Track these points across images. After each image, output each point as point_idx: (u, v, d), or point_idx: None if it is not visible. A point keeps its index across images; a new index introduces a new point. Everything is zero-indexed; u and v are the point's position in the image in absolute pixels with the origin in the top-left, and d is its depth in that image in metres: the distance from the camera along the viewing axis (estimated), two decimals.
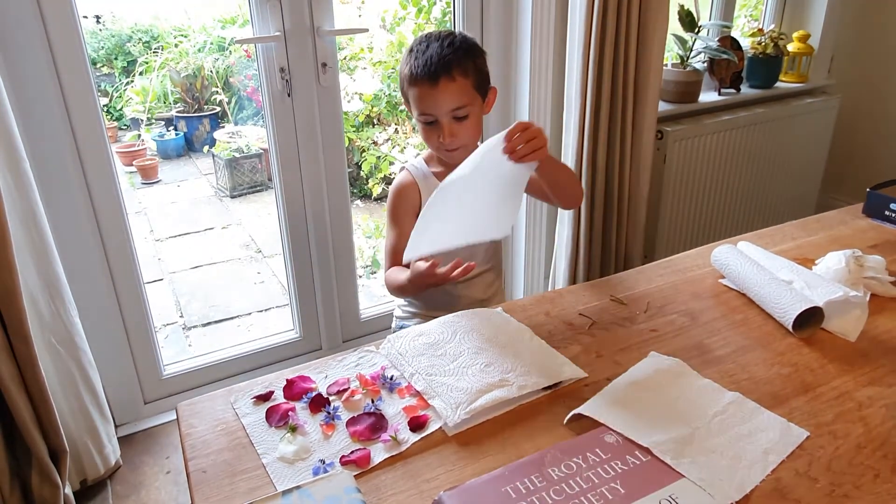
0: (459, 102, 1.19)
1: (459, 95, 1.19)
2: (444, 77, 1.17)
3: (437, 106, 1.19)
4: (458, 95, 1.19)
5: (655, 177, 2.23)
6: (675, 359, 0.94)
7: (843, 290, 1.03)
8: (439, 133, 1.21)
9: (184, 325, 2.64)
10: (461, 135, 1.22)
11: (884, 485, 0.73)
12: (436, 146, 1.25)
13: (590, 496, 0.69)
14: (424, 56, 1.18)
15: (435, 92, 1.17)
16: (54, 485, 1.41)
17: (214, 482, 0.75)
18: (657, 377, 0.90)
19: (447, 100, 1.18)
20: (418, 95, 1.19)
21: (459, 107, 1.19)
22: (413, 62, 1.19)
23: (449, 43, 1.19)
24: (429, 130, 1.23)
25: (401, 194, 1.32)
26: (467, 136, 1.24)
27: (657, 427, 0.79)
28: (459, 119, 1.21)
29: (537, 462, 0.73)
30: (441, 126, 1.20)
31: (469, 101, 1.20)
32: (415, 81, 1.19)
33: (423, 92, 1.18)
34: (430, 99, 1.18)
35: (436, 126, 1.21)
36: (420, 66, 1.18)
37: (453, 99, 1.18)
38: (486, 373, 0.89)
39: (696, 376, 0.91)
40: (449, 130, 1.20)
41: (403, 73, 1.22)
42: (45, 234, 1.41)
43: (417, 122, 1.24)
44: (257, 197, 4.02)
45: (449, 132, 1.20)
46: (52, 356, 1.47)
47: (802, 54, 2.58)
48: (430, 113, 1.20)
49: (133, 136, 4.60)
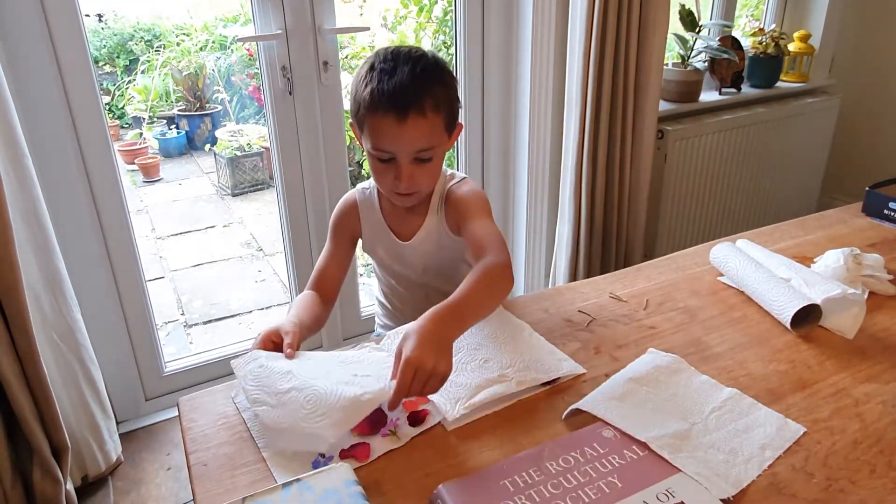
0: (426, 143, 0.99)
1: (428, 136, 0.99)
2: (414, 112, 0.96)
3: (399, 144, 0.98)
4: (427, 136, 0.99)
5: (656, 176, 2.24)
6: (674, 355, 0.95)
7: (842, 288, 1.03)
8: (395, 174, 1.01)
9: (185, 323, 2.65)
10: (420, 180, 1.03)
11: (879, 480, 0.74)
12: (388, 188, 1.05)
13: (587, 490, 0.69)
14: (392, 81, 0.96)
15: (401, 129, 0.96)
16: (56, 480, 1.41)
17: (215, 475, 0.75)
18: (655, 373, 0.90)
19: (413, 140, 0.98)
20: (377, 128, 0.98)
21: (425, 148, 1.00)
22: (376, 85, 0.97)
23: (422, 68, 0.98)
24: (382, 169, 1.03)
25: (342, 213, 1.19)
26: (426, 181, 1.05)
27: (655, 422, 0.80)
28: (421, 161, 1.01)
29: (535, 456, 0.74)
30: (399, 167, 1.00)
31: (437, 142, 1.01)
32: (376, 109, 0.97)
33: (386, 126, 0.97)
34: (393, 136, 0.97)
35: (391, 165, 1.01)
36: (386, 93, 0.96)
37: (420, 139, 0.99)
38: (485, 368, 0.90)
39: (694, 372, 0.92)
40: (408, 173, 1.01)
41: (360, 93, 1.00)
42: (47, 230, 1.41)
43: (368, 154, 1.03)
44: (258, 195, 4.03)
45: (408, 175, 1.01)
46: (53, 352, 1.48)
47: (803, 54, 2.59)
48: (389, 151, 0.99)
49: (135, 134, 4.61)
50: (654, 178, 2.21)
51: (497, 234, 1.03)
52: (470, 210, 1.09)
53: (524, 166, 2.10)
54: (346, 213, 1.19)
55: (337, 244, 1.18)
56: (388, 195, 1.10)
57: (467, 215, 1.08)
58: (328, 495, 0.67)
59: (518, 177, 2.15)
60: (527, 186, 2.11)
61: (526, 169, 2.10)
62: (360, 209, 1.18)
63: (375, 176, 1.07)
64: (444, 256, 1.16)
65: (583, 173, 1.99)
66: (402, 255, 1.17)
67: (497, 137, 2.13)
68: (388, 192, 1.07)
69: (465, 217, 1.07)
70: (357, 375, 0.85)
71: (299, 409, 0.77)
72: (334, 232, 1.19)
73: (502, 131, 2.13)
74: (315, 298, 1.10)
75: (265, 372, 0.84)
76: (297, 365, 0.85)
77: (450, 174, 1.16)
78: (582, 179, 2.00)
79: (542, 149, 2.09)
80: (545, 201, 2.16)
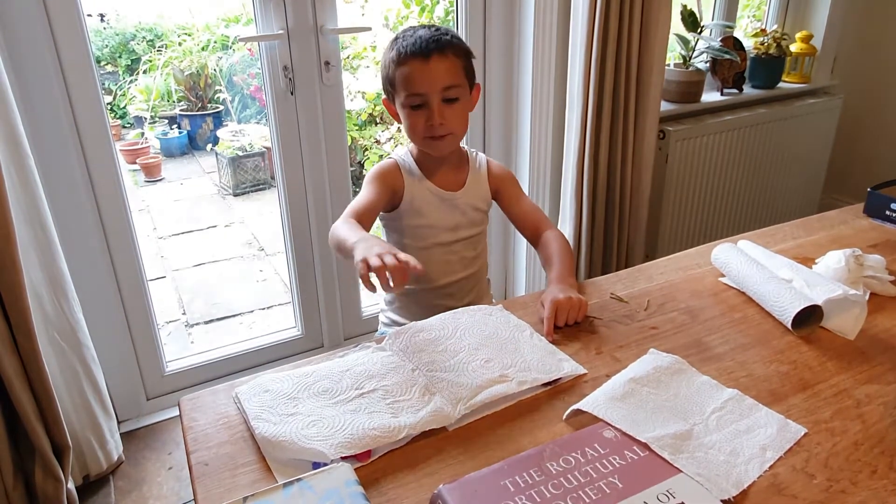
0: (452, 80, 1.14)
1: (452, 73, 1.14)
2: (437, 53, 1.12)
3: (428, 82, 1.13)
4: (451, 73, 1.14)
5: (657, 176, 2.24)
6: (674, 356, 0.95)
7: (843, 289, 1.03)
8: (427, 117, 1.15)
9: (186, 323, 2.65)
10: (451, 119, 1.16)
11: (880, 481, 0.73)
12: (422, 132, 1.17)
13: (588, 490, 0.69)
14: (414, 37, 1.13)
15: (427, 67, 1.12)
16: (57, 480, 1.41)
17: (216, 475, 0.75)
18: (656, 374, 0.90)
19: (440, 76, 1.13)
20: (407, 74, 1.13)
21: (451, 85, 1.14)
22: (401, 44, 1.14)
23: (436, 28, 1.17)
24: (415, 116, 1.16)
25: (383, 169, 1.25)
26: (456, 122, 1.18)
27: (656, 423, 0.80)
28: (449, 101, 1.15)
29: (536, 457, 0.74)
30: (430, 109, 1.14)
31: (460, 82, 1.16)
32: (404, 60, 1.13)
33: (414, 68, 1.12)
34: (421, 75, 1.12)
35: (422, 110, 1.15)
36: (409, 45, 1.12)
37: (446, 76, 1.13)
38: (486, 368, 0.90)
39: (695, 373, 0.91)
40: (439, 111, 1.14)
41: (389, 58, 1.16)
42: (49, 231, 1.41)
43: (402, 110, 1.18)
44: (260, 195, 4.04)
45: (439, 113, 1.14)
46: (55, 352, 1.48)
47: (805, 55, 2.59)
48: (420, 92, 1.13)
49: (136, 134, 4.61)
50: (656, 179, 2.21)
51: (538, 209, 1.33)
52: (517, 187, 1.33)
53: (525, 166, 2.10)
54: (389, 170, 1.25)
55: (374, 190, 1.21)
56: (422, 145, 1.20)
57: (517, 190, 1.33)
58: (329, 495, 0.67)
59: (519, 177, 2.14)
60: (528, 186, 2.11)
61: (527, 169, 2.10)
62: (401, 169, 1.25)
63: (410, 128, 1.18)
64: (476, 218, 1.30)
65: (584, 173, 1.99)
66: (447, 204, 1.26)
67: (498, 137, 2.13)
68: (423, 138, 1.18)
69: (514, 191, 1.32)
70: (363, 394, 0.85)
71: (301, 430, 0.78)
72: (374, 180, 1.22)
73: (504, 131, 2.13)
74: (355, 223, 1.11)
75: (270, 396, 0.85)
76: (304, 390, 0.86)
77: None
78: (583, 180, 2.00)
79: (543, 149, 2.09)
80: (546, 201, 2.16)
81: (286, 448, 0.76)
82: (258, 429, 0.79)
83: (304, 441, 0.76)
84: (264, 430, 0.78)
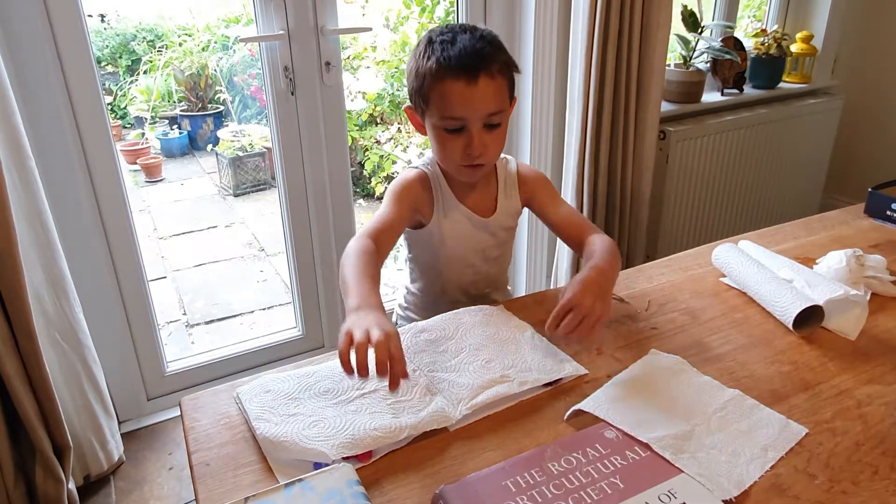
0: (497, 106, 1.00)
1: (499, 97, 1.00)
2: (485, 74, 0.97)
3: (472, 108, 0.98)
4: (498, 97, 1.00)
5: (658, 177, 2.24)
6: (675, 356, 0.95)
7: (844, 289, 1.03)
8: (465, 144, 1.01)
9: (187, 323, 2.65)
10: (491, 148, 1.03)
11: (882, 481, 0.73)
12: (457, 160, 1.04)
13: (589, 491, 0.69)
14: (455, 47, 0.97)
15: (472, 91, 0.97)
16: (58, 480, 1.42)
17: (217, 475, 0.75)
18: (657, 374, 0.90)
19: (486, 102, 0.99)
20: (447, 94, 0.98)
21: (497, 111, 1.01)
22: (441, 54, 0.98)
23: (481, 35, 1.00)
24: (451, 141, 1.02)
25: (409, 183, 1.11)
26: (496, 149, 1.05)
27: (657, 423, 0.80)
28: (491, 127, 1.02)
29: (537, 457, 0.74)
30: (470, 135, 1.00)
31: (504, 106, 1.03)
32: (445, 75, 0.97)
33: (456, 90, 0.97)
34: (464, 99, 0.97)
35: (460, 136, 1.01)
36: (454, 58, 0.97)
37: (493, 101, 0.99)
38: (487, 369, 0.90)
39: (696, 373, 0.91)
40: (480, 140, 1.00)
41: (425, 66, 1.00)
42: (50, 231, 1.41)
43: (434, 129, 1.03)
44: (260, 195, 4.04)
45: (480, 142, 1.00)
46: (56, 352, 1.48)
47: (806, 55, 2.59)
48: (461, 117, 0.99)
49: (137, 134, 4.62)
50: (656, 179, 2.21)
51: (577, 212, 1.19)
52: (552, 191, 1.20)
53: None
54: (415, 187, 1.11)
55: (397, 211, 1.08)
56: (454, 171, 1.08)
57: (553, 194, 1.19)
58: (330, 495, 0.67)
59: None
60: None
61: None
62: (431, 185, 1.13)
63: (442, 151, 1.05)
64: (505, 237, 1.21)
65: (585, 174, 1.99)
66: (479, 229, 1.16)
67: None
68: (456, 165, 1.05)
69: (549, 197, 1.18)
70: (364, 394, 0.85)
71: (302, 430, 0.78)
72: (398, 199, 1.09)
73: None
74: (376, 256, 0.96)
75: (271, 396, 0.85)
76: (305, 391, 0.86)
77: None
78: (584, 180, 2.00)
79: (544, 149, 2.09)
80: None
81: (287, 448, 0.76)
82: (259, 429, 0.79)
83: (306, 441, 0.76)
84: (265, 430, 0.78)
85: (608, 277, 0.97)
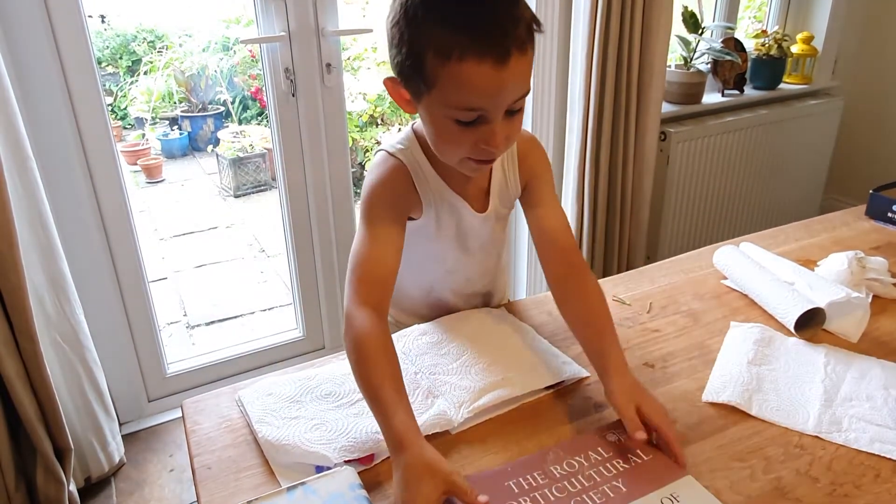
0: (525, 87, 0.78)
1: (527, 76, 0.77)
2: (516, 49, 0.72)
3: (499, 97, 0.75)
4: (526, 76, 0.77)
5: (658, 178, 2.24)
6: (758, 324, 1.02)
7: (845, 292, 1.03)
8: (481, 137, 0.78)
9: (187, 324, 2.65)
10: (512, 136, 0.82)
11: (884, 485, 0.73)
12: (464, 154, 0.81)
13: (591, 494, 0.69)
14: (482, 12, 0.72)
15: (502, 75, 0.72)
16: (59, 482, 1.42)
17: (219, 478, 0.75)
18: (762, 350, 0.95)
19: (515, 86, 0.75)
20: (469, 79, 0.72)
21: (523, 95, 0.78)
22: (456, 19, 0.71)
23: None
24: (462, 134, 0.78)
25: (392, 186, 0.90)
26: (516, 138, 0.85)
27: (798, 405, 0.85)
28: (512, 114, 0.79)
29: (539, 459, 0.74)
30: (490, 128, 0.77)
31: (530, 84, 0.80)
32: (464, 53, 0.71)
33: (483, 75, 0.72)
34: (491, 86, 0.73)
35: (475, 128, 0.77)
36: (479, 29, 0.71)
37: (521, 83, 0.76)
38: (489, 371, 0.90)
39: (783, 336, 1.00)
40: (502, 132, 0.78)
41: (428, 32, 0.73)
42: (50, 233, 1.41)
43: (438, 117, 0.79)
44: (261, 196, 4.04)
45: (504, 134, 0.78)
46: (57, 354, 1.48)
47: (806, 56, 2.59)
48: (485, 107, 0.75)
49: (137, 135, 4.61)
50: (657, 181, 2.21)
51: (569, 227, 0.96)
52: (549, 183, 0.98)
53: None
54: (399, 186, 0.90)
55: (389, 228, 0.87)
56: (458, 165, 0.84)
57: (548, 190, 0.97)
58: (333, 499, 0.67)
59: None
60: None
61: None
62: (412, 177, 0.91)
63: (446, 143, 0.82)
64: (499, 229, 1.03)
65: (585, 175, 1.99)
66: (476, 224, 0.97)
67: None
68: (460, 160, 0.83)
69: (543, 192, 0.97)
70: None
71: (304, 433, 0.77)
72: (386, 211, 0.88)
73: None
74: (388, 344, 0.79)
75: (273, 399, 0.85)
76: (307, 394, 0.86)
77: None
78: (584, 181, 2.00)
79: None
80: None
81: (289, 452, 0.76)
82: (261, 432, 0.79)
83: (308, 445, 0.76)
84: (267, 433, 0.78)
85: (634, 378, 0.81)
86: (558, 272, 0.93)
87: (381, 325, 0.80)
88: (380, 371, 0.75)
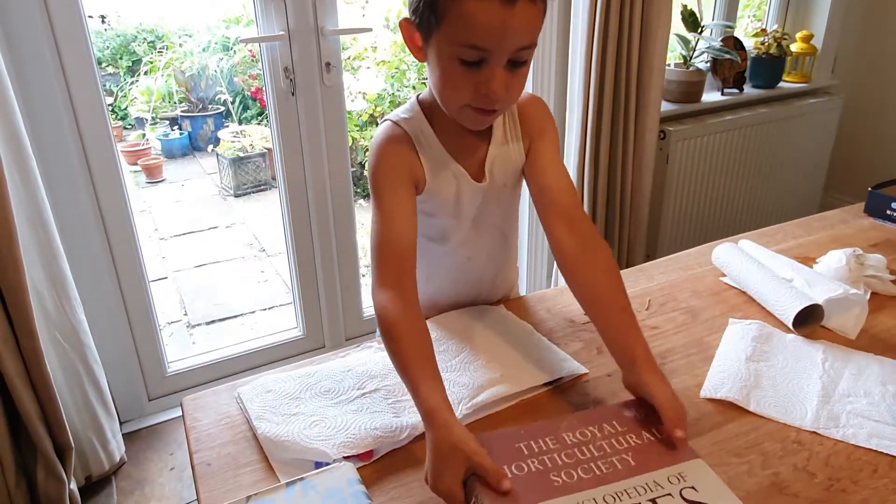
0: (531, 38, 0.80)
1: (533, 27, 0.79)
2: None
3: (503, 38, 0.76)
4: (533, 26, 0.79)
5: (658, 176, 2.24)
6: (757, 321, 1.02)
7: (844, 288, 1.03)
8: (482, 81, 0.79)
9: (188, 323, 2.66)
10: (514, 89, 0.83)
11: (881, 480, 0.74)
12: (465, 100, 0.82)
13: (599, 463, 0.69)
14: None
15: (508, 15, 0.75)
16: (59, 480, 1.42)
17: (219, 475, 0.76)
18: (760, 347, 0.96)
19: (519, 31, 0.77)
20: (475, 15, 0.75)
21: (527, 46, 0.80)
22: None
23: None
24: (464, 75, 0.80)
25: (397, 153, 0.89)
26: (517, 93, 0.85)
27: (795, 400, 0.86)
28: (515, 66, 0.81)
29: (554, 426, 0.74)
30: (491, 71, 0.79)
31: (536, 39, 0.81)
32: None
33: (489, 12, 0.74)
34: (495, 25, 0.75)
35: (477, 70, 0.79)
36: None
37: (527, 31, 0.78)
38: (487, 368, 0.90)
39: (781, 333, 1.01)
40: (503, 79, 0.80)
41: None
42: (51, 231, 1.42)
43: (443, 56, 0.80)
44: (261, 196, 4.04)
45: (503, 82, 0.80)
46: (57, 353, 1.48)
47: (806, 54, 2.59)
48: (485, 47, 0.77)
49: (138, 135, 4.62)
50: (656, 179, 2.21)
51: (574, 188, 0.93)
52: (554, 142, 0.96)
53: None
54: (403, 153, 0.90)
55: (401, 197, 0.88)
56: (456, 113, 0.85)
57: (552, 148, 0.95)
58: (331, 494, 0.67)
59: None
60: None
61: None
62: (414, 144, 0.91)
63: (448, 86, 0.83)
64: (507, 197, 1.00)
65: (585, 174, 2.00)
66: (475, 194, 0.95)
67: None
68: (461, 107, 0.84)
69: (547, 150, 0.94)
70: (365, 394, 0.85)
71: (303, 430, 0.78)
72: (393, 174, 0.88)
73: None
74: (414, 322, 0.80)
75: (272, 396, 0.85)
76: (306, 390, 0.86)
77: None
78: (584, 180, 2.01)
79: None
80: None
81: (289, 448, 0.76)
82: (261, 429, 0.79)
83: (307, 441, 0.76)
84: (267, 430, 0.78)
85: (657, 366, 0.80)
86: (561, 238, 0.89)
87: (402, 303, 0.80)
88: (402, 349, 0.77)
